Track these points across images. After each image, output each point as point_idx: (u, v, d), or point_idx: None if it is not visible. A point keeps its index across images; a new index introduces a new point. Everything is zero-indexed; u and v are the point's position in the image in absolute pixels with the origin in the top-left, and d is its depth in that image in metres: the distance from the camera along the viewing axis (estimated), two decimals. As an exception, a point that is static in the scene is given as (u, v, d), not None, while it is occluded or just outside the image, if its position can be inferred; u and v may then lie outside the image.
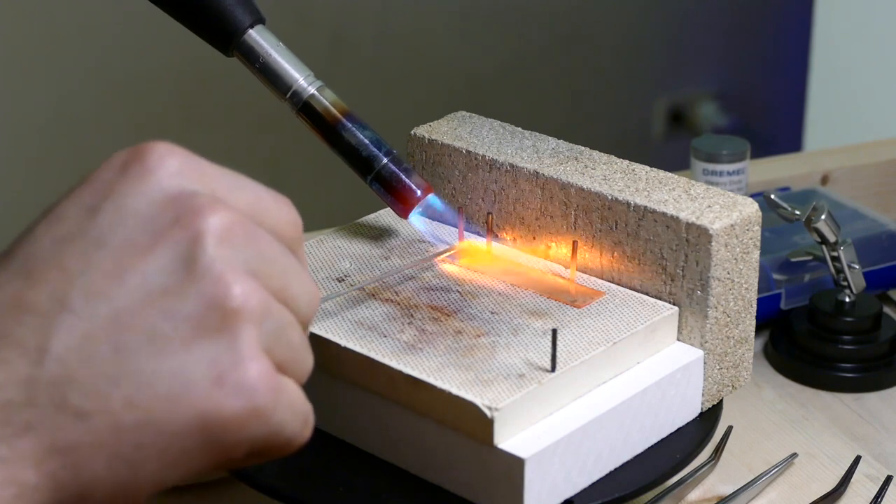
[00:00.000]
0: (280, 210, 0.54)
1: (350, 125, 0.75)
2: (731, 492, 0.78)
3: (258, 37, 0.75)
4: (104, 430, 0.49)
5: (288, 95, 0.75)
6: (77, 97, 1.80)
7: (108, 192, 0.51)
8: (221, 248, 0.50)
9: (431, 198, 0.77)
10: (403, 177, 0.75)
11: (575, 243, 0.75)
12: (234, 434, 0.50)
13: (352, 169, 0.76)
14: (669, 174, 0.76)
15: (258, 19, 0.75)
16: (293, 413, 0.52)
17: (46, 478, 0.48)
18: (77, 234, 0.50)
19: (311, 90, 0.75)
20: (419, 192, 0.76)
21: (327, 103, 0.76)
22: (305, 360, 0.54)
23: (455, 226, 0.80)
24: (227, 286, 0.50)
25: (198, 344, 0.49)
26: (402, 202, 0.76)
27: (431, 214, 0.80)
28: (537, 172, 0.77)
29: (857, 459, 0.81)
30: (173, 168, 0.51)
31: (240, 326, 0.50)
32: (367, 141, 0.75)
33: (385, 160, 0.75)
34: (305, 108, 0.75)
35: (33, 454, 0.48)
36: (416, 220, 0.79)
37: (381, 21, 1.93)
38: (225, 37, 0.75)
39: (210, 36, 0.75)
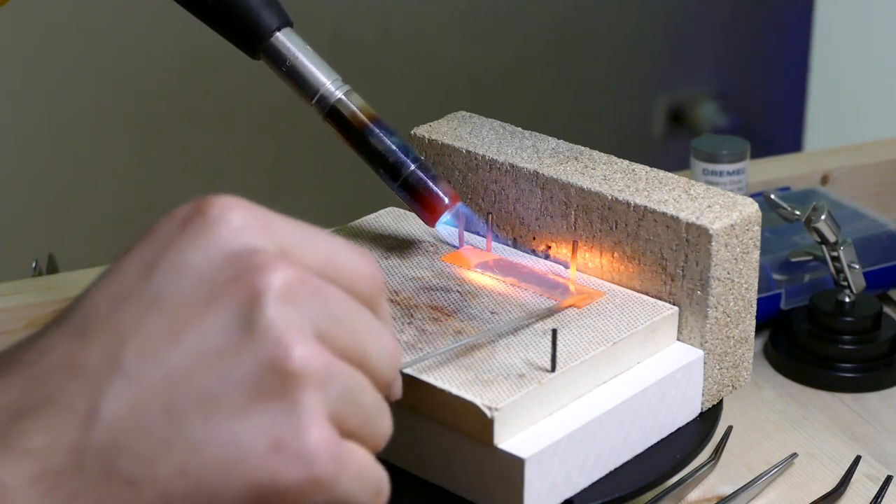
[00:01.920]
0: (356, 263, 0.51)
1: (377, 131, 0.74)
2: (731, 492, 0.78)
3: (286, 40, 0.73)
4: (154, 499, 0.47)
5: (314, 100, 0.74)
6: (77, 97, 1.80)
7: (167, 248, 0.49)
8: (282, 308, 0.47)
9: (460, 206, 0.76)
10: (431, 184, 0.74)
11: (575, 243, 0.75)
12: None
13: (378, 175, 0.75)
14: (669, 174, 0.76)
15: (286, 22, 0.73)
16: (361, 483, 0.49)
17: None
18: (133, 292, 0.48)
19: (339, 94, 0.74)
20: (447, 200, 0.74)
21: (354, 108, 0.74)
22: (382, 426, 0.51)
23: (480, 234, 0.79)
24: (287, 348, 0.47)
25: (254, 409, 0.47)
26: (430, 210, 0.74)
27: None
28: (537, 172, 0.77)
29: (857, 459, 0.81)
30: (236, 223, 0.49)
31: (300, 390, 0.47)
32: (394, 147, 0.74)
33: (413, 167, 0.74)
34: (332, 113, 0.74)
35: None
36: (442, 230, 0.77)
37: (382, 21, 1.93)
38: (252, 39, 0.73)
39: (237, 38, 0.73)
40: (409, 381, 0.66)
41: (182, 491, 0.47)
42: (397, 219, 0.81)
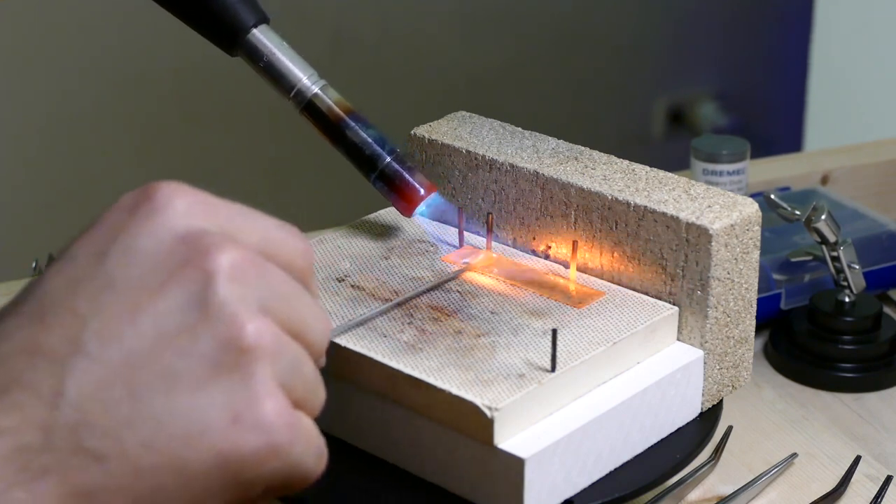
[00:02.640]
0: (291, 242, 0.54)
1: (354, 124, 0.75)
2: (731, 492, 0.78)
3: (262, 36, 0.75)
4: (122, 474, 0.49)
5: (292, 94, 0.76)
6: (77, 97, 1.80)
7: (117, 233, 0.51)
8: (233, 287, 0.50)
9: (435, 197, 0.77)
10: (407, 175, 0.75)
11: (575, 243, 0.75)
12: (253, 471, 0.50)
13: (356, 167, 0.76)
14: (669, 174, 0.76)
15: (262, 18, 0.75)
16: (309, 448, 0.52)
17: None
18: (87, 276, 0.50)
19: (315, 89, 0.76)
20: (422, 191, 0.76)
21: (331, 102, 0.76)
22: (318, 394, 0.54)
23: (453, 224, 0.80)
24: (241, 325, 0.50)
25: (213, 383, 0.49)
26: (406, 200, 0.76)
27: (432, 214, 0.80)
28: (537, 172, 0.77)
29: (857, 459, 0.81)
30: (181, 207, 0.51)
31: (254, 364, 0.50)
32: (370, 139, 0.75)
33: (388, 158, 0.75)
34: (309, 107, 0.76)
35: (52, 498, 0.48)
36: (423, 222, 0.79)
37: (381, 21, 1.93)
38: (229, 36, 0.75)
39: (214, 35, 0.75)
40: (410, 381, 0.66)
41: (149, 464, 0.49)
42: (397, 219, 0.81)
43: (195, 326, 0.50)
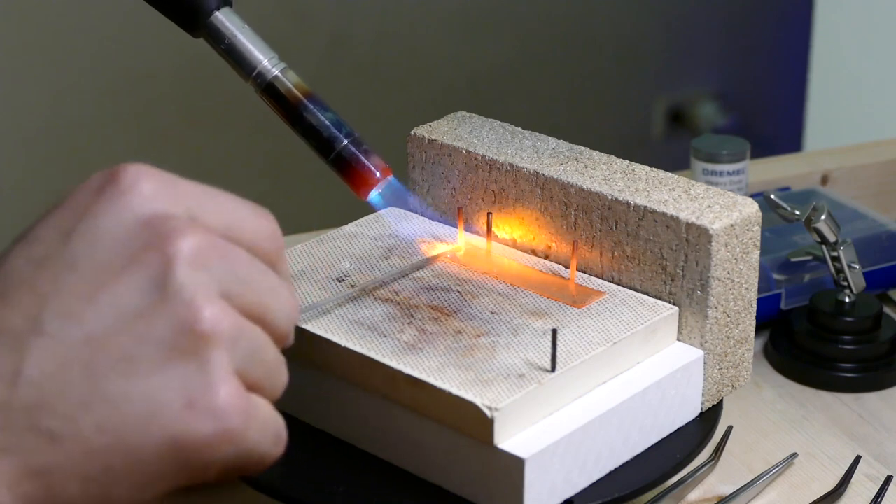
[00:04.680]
0: (258, 224, 0.54)
1: (312, 107, 0.76)
2: (731, 492, 0.78)
3: (224, 19, 0.76)
4: (76, 454, 0.49)
5: (252, 76, 0.76)
6: (77, 97, 1.80)
7: (82, 214, 0.51)
8: (193, 271, 0.50)
9: (391, 180, 0.77)
10: (362, 158, 0.76)
11: (575, 243, 0.75)
12: (206, 456, 0.50)
13: (313, 150, 0.77)
14: (669, 174, 0.76)
15: (225, 2, 0.76)
16: (265, 433, 0.52)
17: (20, 499, 0.49)
18: (51, 256, 0.51)
19: (275, 72, 0.76)
20: (377, 174, 0.76)
21: (290, 85, 0.76)
22: (280, 378, 0.54)
23: (420, 212, 0.81)
24: (198, 310, 0.50)
25: (169, 367, 0.50)
26: (361, 183, 0.76)
27: (390, 198, 0.80)
28: (537, 172, 0.77)
29: (857, 459, 0.81)
30: (147, 190, 0.52)
31: (210, 350, 0.50)
32: (328, 122, 0.76)
33: (345, 141, 0.76)
34: (269, 89, 0.77)
35: (7, 476, 0.49)
36: (375, 201, 0.79)
37: (381, 21, 1.93)
38: (192, 18, 0.76)
39: (177, 17, 0.76)
40: (410, 381, 0.66)
41: (102, 446, 0.49)
42: (397, 219, 0.81)
43: (153, 310, 0.50)
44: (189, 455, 0.50)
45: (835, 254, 0.91)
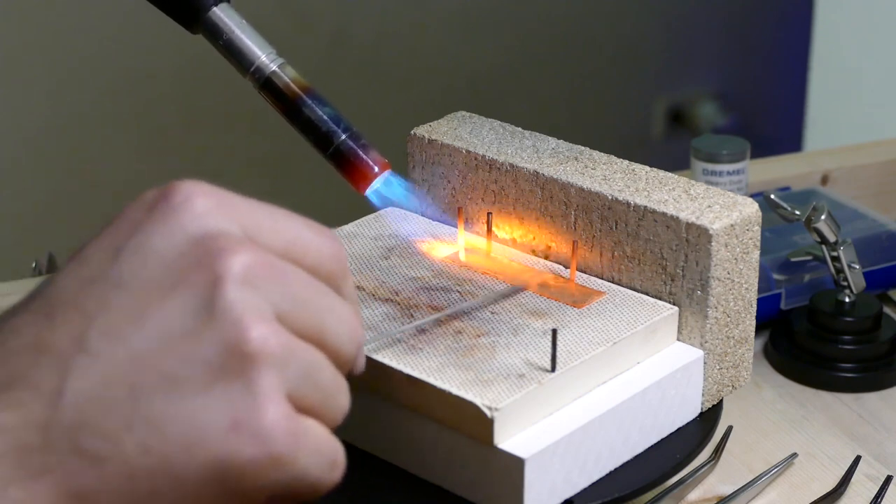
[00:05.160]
0: (320, 244, 0.53)
1: (310, 101, 0.76)
2: (731, 492, 0.78)
3: (222, 14, 0.76)
4: (118, 476, 0.48)
5: (250, 71, 0.76)
6: (77, 97, 1.80)
7: (133, 232, 0.50)
8: (242, 291, 0.49)
9: (389, 174, 0.77)
10: (361, 153, 0.76)
11: (575, 243, 0.75)
12: (252, 481, 0.49)
13: (311, 145, 0.77)
14: (669, 174, 0.76)
15: None
16: (317, 458, 0.51)
17: None
18: (99, 275, 0.50)
19: (273, 67, 0.76)
20: (376, 168, 0.76)
21: (288, 79, 0.76)
22: (339, 402, 0.52)
23: (420, 212, 0.80)
24: (245, 330, 0.49)
25: (214, 389, 0.48)
26: (359, 177, 0.76)
27: (389, 193, 0.80)
28: (537, 172, 0.77)
29: (857, 459, 0.81)
30: (200, 207, 0.50)
31: (257, 370, 0.49)
32: (326, 117, 0.76)
33: (343, 136, 0.76)
34: (267, 84, 0.76)
35: (48, 498, 0.48)
36: (373, 197, 0.79)
37: (381, 21, 1.93)
38: (190, 13, 0.75)
39: (175, 13, 0.76)
40: (409, 381, 0.66)
41: (145, 468, 0.48)
42: (397, 219, 0.81)
43: (200, 330, 0.49)
44: (234, 478, 0.49)
45: (835, 254, 0.91)
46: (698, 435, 0.72)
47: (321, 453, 0.51)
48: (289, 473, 0.50)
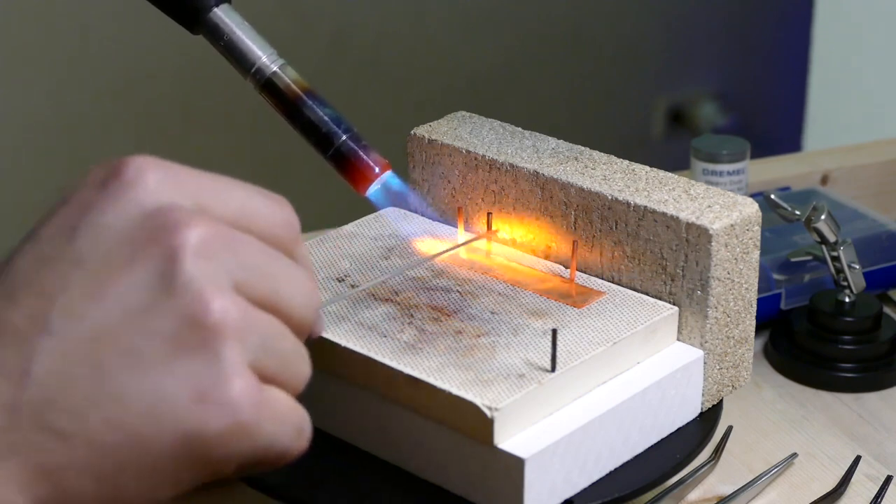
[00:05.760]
0: (272, 211, 0.53)
1: (311, 102, 0.76)
2: (731, 492, 0.78)
3: (223, 15, 0.76)
4: (86, 452, 0.49)
5: (251, 72, 0.76)
6: (76, 97, 1.80)
7: (86, 210, 0.51)
8: (199, 263, 0.49)
9: (389, 175, 0.77)
10: (361, 153, 0.76)
11: (575, 243, 0.75)
12: (220, 451, 0.49)
13: (312, 146, 0.77)
14: (669, 174, 0.76)
15: None
16: (283, 425, 0.51)
17: (32, 500, 0.48)
18: (56, 254, 0.50)
19: (274, 67, 0.76)
20: (377, 169, 0.76)
21: (289, 80, 0.76)
22: (299, 368, 0.53)
23: (420, 212, 0.81)
24: (206, 303, 0.49)
25: (178, 362, 0.49)
26: (360, 178, 0.76)
27: (390, 195, 0.80)
28: (537, 172, 0.77)
29: (857, 459, 0.81)
30: (151, 182, 0.51)
31: (220, 343, 0.49)
32: (327, 118, 0.76)
33: (344, 137, 0.76)
34: (267, 85, 0.76)
35: (18, 477, 0.48)
36: (374, 197, 0.78)
37: (382, 21, 1.93)
38: (191, 14, 0.75)
39: (176, 14, 0.76)
40: (410, 381, 0.66)
41: (113, 443, 0.49)
42: (397, 219, 0.81)
43: (160, 304, 0.49)
44: (202, 450, 0.49)
45: (835, 254, 0.91)
46: (698, 435, 0.72)
47: (287, 422, 0.51)
48: (256, 442, 0.50)
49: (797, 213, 0.91)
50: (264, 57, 0.76)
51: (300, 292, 0.53)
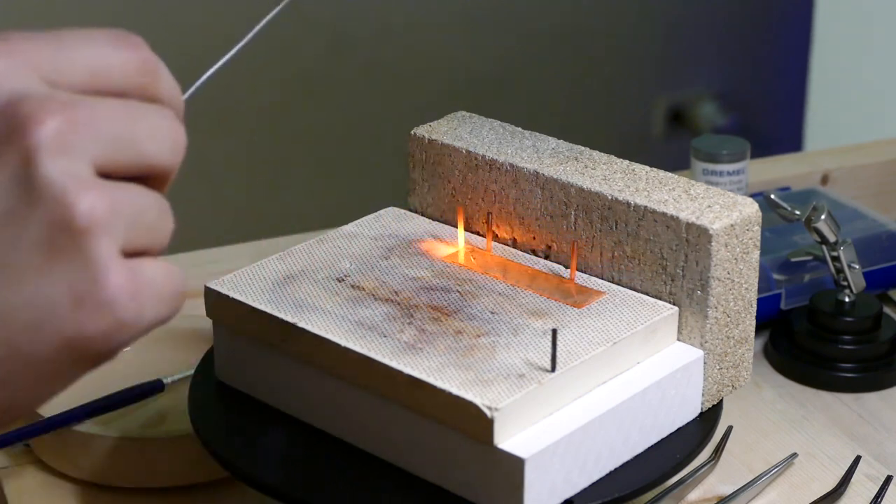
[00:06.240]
0: (125, 59, 0.51)
1: None
2: (731, 492, 0.78)
3: None
4: None
5: None
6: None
7: None
8: (57, 160, 0.47)
9: None
10: None
11: (575, 243, 0.75)
12: (104, 347, 0.48)
13: None
14: (669, 174, 0.76)
15: None
16: (162, 301, 0.50)
17: None
18: None
19: None
20: None
21: None
22: (166, 229, 0.51)
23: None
24: (70, 205, 0.47)
25: (51, 268, 0.47)
26: None
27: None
28: (537, 172, 0.77)
29: (857, 459, 0.81)
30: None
31: (90, 242, 0.47)
32: None
33: None
34: None
35: None
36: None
37: (381, 21, 1.93)
38: None
39: None
40: (410, 381, 0.66)
41: None
42: (397, 219, 0.81)
43: (23, 211, 0.47)
44: (84, 350, 0.48)
45: (835, 254, 0.91)
46: (698, 435, 0.72)
47: (165, 296, 0.50)
48: (140, 330, 0.49)
49: (797, 213, 0.91)
50: None
51: (165, 139, 0.51)
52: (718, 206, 0.72)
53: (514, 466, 0.64)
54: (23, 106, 0.47)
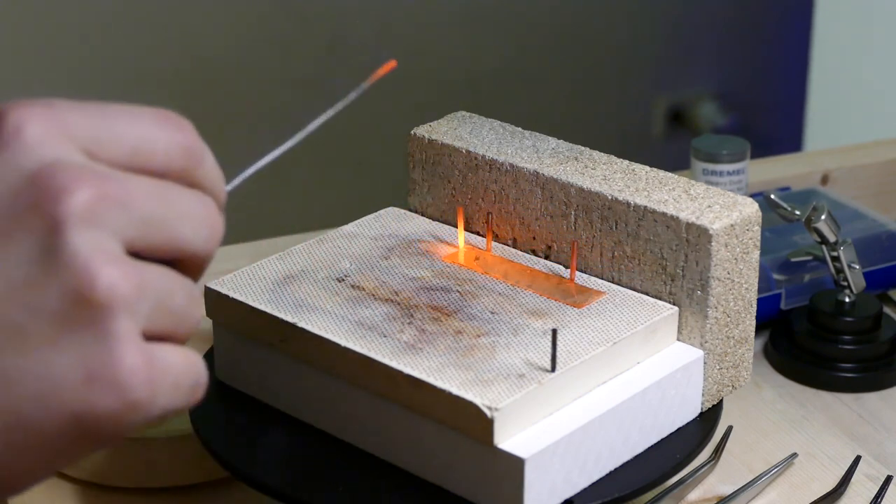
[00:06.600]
0: (168, 139, 0.50)
1: None
2: (731, 492, 0.78)
3: None
4: None
5: None
6: (76, 96, 1.80)
7: None
8: (84, 232, 0.46)
9: None
10: None
11: (575, 243, 0.75)
12: (112, 429, 0.47)
13: None
14: (669, 174, 0.76)
15: None
16: (178, 390, 0.48)
17: None
18: None
19: None
20: None
21: None
22: (192, 317, 0.50)
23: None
24: (92, 277, 0.46)
25: (65, 340, 0.46)
26: None
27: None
28: (537, 172, 0.77)
29: (857, 459, 0.81)
30: (32, 137, 0.47)
31: (109, 318, 0.46)
32: None
33: None
34: None
35: None
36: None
37: (381, 21, 1.93)
38: None
39: None
40: (410, 381, 0.66)
41: (1, 425, 0.47)
42: (397, 219, 0.81)
43: (44, 279, 0.46)
44: (93, 428, 0.47)
45: (835, 254, 0.91)
46: (698, 435, 0.72)
47: (182, 385, 0.49)
48: (150, 415, 0.48)
49: (797, 213, 0.91)
50: None
51: (201, 225, 0.50)
52: (718, 206, 0.72)
53: (514, 466, 0.64)
54: (56, 174, 0.46)
